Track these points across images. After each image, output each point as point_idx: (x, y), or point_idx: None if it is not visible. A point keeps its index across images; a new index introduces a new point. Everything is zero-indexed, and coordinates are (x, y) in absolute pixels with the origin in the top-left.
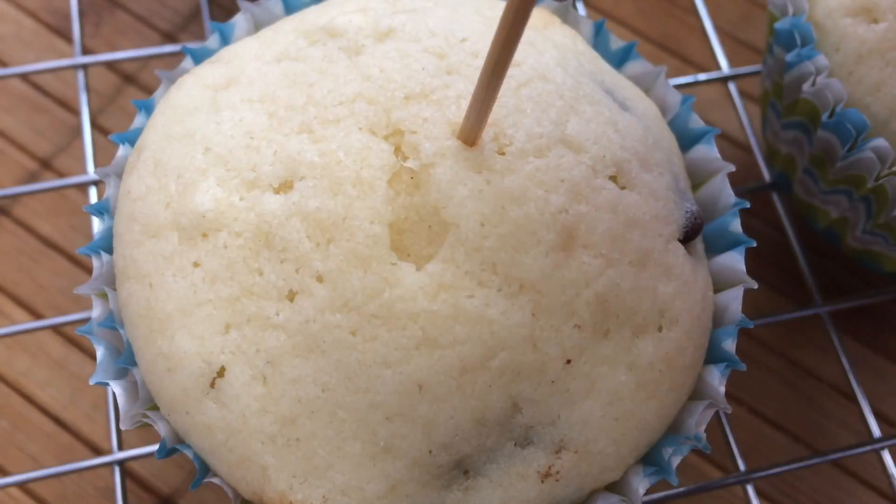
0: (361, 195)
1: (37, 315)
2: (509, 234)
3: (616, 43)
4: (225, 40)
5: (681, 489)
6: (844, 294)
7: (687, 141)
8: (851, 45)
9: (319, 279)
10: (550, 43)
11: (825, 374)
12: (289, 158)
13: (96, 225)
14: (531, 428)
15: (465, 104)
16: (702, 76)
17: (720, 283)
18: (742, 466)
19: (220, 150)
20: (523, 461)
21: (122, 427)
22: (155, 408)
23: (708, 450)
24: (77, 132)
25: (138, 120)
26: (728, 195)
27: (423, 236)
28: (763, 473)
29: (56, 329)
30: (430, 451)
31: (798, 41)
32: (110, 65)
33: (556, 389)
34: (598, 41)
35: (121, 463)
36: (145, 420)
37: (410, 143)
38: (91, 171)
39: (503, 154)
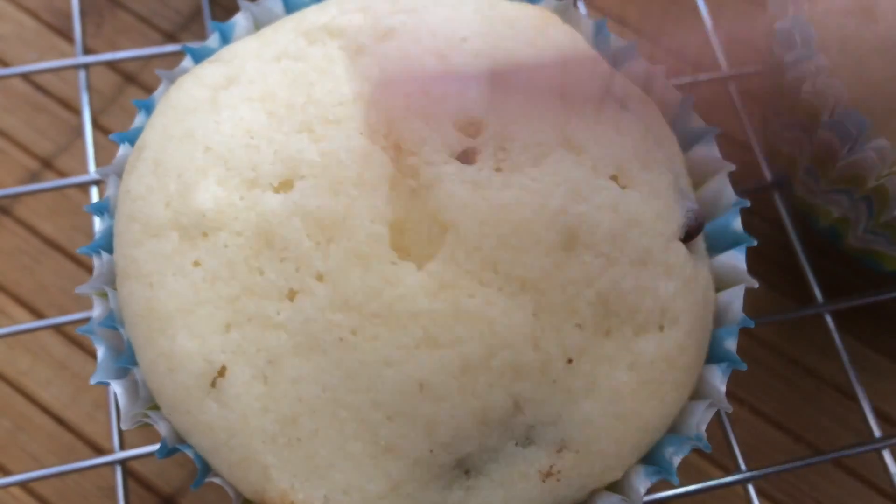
0: (362, 195)
1: (38, 314)
2: (510, 234)
3: (617, 42)
4: (225, 40)
5: (681, 489)
6: (846, 293)
7: (687, 141)
8: (851, 44)
9: (320, 278)
10: (551, 42)
11: (826, 373)
12: (289, 157)
13: (97, 224)
14: (532, 427)
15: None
16: (702, 76)
17: (721, 282)
18: (743, 466)
19: (221, 149)
20: (525, 461)
21: (123, 427)
22: (156, 407)
23: (709, 449)
24: (78, 132)
25: (138, 119)
26: (729, 194)
27: (424, 235)
28: (764, 473)
29: (57, 328)
30: (431, 451)
31: (798, 41)
32: (111, 64)
33: (557, 389)
34: (599, 41)
35: (122, 462)
36: (146, 420)
37: (409, 164)
38: (92, 171)
39: (500, 171)
